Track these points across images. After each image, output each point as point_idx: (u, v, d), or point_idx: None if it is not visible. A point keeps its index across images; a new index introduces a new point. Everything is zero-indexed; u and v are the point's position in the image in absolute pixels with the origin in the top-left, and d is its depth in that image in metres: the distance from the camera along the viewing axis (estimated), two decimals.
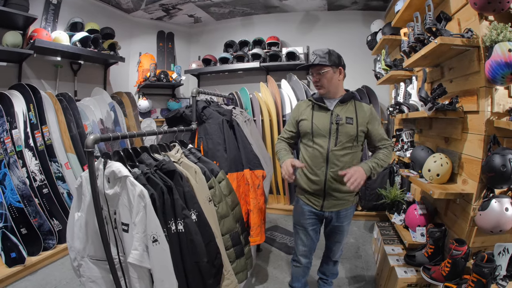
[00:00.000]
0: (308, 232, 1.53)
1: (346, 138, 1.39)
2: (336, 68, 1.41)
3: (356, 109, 1.43)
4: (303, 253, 1.57)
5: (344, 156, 1.40)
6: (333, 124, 1.40)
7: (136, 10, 3.81)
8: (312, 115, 1.45)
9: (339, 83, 1.45)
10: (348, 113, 1.42)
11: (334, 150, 1.40)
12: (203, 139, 1.72)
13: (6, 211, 2.05)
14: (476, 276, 1.24)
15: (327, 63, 1.37)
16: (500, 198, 1.26)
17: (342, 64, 1.44)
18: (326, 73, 1.39)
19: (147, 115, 3.97)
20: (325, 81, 1.41)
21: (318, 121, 1.43)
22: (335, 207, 1.47)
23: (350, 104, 1.44)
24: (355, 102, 1.45)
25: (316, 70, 1.41)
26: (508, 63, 1.18)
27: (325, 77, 1.40)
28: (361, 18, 3.65)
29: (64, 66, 3.10)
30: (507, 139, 1.37)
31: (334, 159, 1.40)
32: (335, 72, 1.41)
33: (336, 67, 1.41)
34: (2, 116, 2.20)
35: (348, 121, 1.40)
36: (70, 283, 1.96)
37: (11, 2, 2.33)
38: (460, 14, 1.59)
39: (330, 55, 1.39)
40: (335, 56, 1.41)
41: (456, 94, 1.57)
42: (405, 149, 2.26)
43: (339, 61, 1.42)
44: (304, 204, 1.52)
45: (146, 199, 1.06)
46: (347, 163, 1.40)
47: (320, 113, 1.44)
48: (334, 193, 1.44)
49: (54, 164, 2.45)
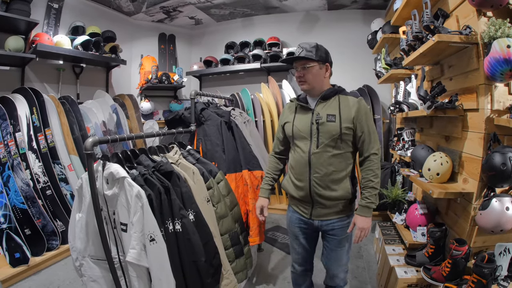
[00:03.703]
0: (300, 241, 1.41)
1: (328, 138, 1.25)
2: (322, 64, 1.29)
3: (339, 104, 1.27)
4: (296, 260, 1.47)
5: (328, 159, 1.25)
6: (313, 124, 1.26)
7: (137, 13, 3.84)
8: (294, 117, 1.34)
9: (324, 80, 1.32)
10: (330, 109, 1.27)
11: (316, 152, 1.26)
12: (202, 141, 1.73)
13: (10, 212, 2.08)
14: (476, 276, 1.22)
15: (313, 57, 1.26)
16: (500, 197, 1.25)
17: (330, 61, 1.32)
18: (312, 68, 1.27)
19: (149, 117, 4.00)
20: (309, 77, 1.28)
21: (299, 123, 1.32)
22: (326, 216, 1.31)
23: (334, 99, 1.29)
24: (339, 96, 1.29)
25: (300, 64, 1.29)
26: (507, 59, 1.17)
27: (310, 72, 1.27)
28: (361, 17, 3.64)
29: (66, 70, 3.14)
30: (508, 137, 1.35)
31: (316, 163, 1.26)
32: (322, 68, 1.29)
33: (323, 63, 1.29)
34: (6, 119, 2.24)
35: (329, 118, 1.25)
36: (73, 283, 1.99)
37: (13, 8, 2.37)
38: (458, 11, 1.57)
39: (317, 49, 1.28)
40: (323, 52, 1.29)
41: (456, 92, 1.56)
42: (406, 148, 2.25)
43: (326, 57, 1.30)
44: (293, 211, 1.40)
45: (143, 199, 1.07)
46: (333, 166, 1.26)
47: (302, 114, 1.33)
48: (321, 200, 1.29)
49: (57, 166, 2.48)
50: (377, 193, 1.27)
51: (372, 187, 1.26)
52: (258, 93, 3.50)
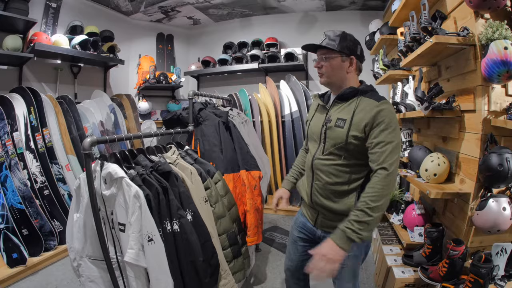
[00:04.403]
0: (297, 246, 1.28)
1: (333, 145, 1.09)
2: (346, 57, 1.10)
3: (357, 108, 1.06)
4: (288, 266, 1.34)
5: (331, 167, 1.10)
6: (324, 127, 1.13)
7: (135, 12, 3.83)
8: (313, 116, 1.23)
9: (347, 76, 1.12)
10: (343, 113, 1.09)
11: (319, 158, 1.13)
12: (199, 141, 1.73)
13: (8, 213, 2.07)
14: (473, 276, 1.23)
15: (335, 47, 1.09)
16: (497, 198, 1.26)
17: (357, 54, 1.13)
18: (332, 60, 1.11)
19: (147, 117, 3.99)
20: (328, 69, 1.12)
21: (314, 123, 1.20)
22: (330, 229, 1.09)
23: (353, 101, 1.08)
24: (360, 98, 1.08)
25: (320, 54, 1.14)
26: (504, 61, 1.18)
27: (329, 63, 1.11)
28: (359, 18, 3.65)
29: (64, 69, 3.13)
30: (505, 138, 1.36)
31: (318, 169, 1.14)
32: (345, 61, 1.11)
33: (348, 55, 1.10)
34: (3, 119, 2.23)
35: (338, 123, 1.08)
36: (70, 284, 1.98)
37: (11, 7, 2.36)
38: (456, 12, 1.58)
39: (342, 38, 1.10)
40: (350, 42, 1.11)
41: (453, 93, 1.57)
42: (404, 148, 2.26)
43: (353, 48, 1.11)
44: (301, 214, 1.31)
45: (141, 200, 1.07)
46: (336, 177, 1.09)
47: (319, 114, 1.20)
48: (322, 210, 1.16)
49: (54, 166, 2.47)
50: (370, 222, 0.95)
51: (364, 210, 0.95)
52: (256, 94, 3.50)
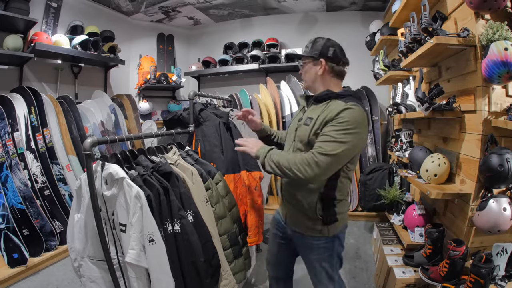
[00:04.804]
0: (275, 243, 1.35)
1: (300, 141, 1.14)
2: (316, 60, 1.14)
3: (326, 108, 1.09)
4: (269, 262, 1.41)
5: None
6: (296, 126, 1.20)
7: (136, 13, 3.84)
8: (296, 116, 1.29)
9: (318, 77, 1.15)
10: (314, 113, 1.12)
11: None
12: (200, 141, 1.73)
13: (8, 213, 2.07)
14: (474, 276, 1.23)
15: (307, 53, 1.17)
16: (498, 198, 1.26)
17: (328, 56, 1.13)
18: (305, 65, 1.19)
19: (148, 117, 3.99)
20: (304, 74, 1.21)
21: (292, 123, 1.27)
22: (296, 226, 1.20)
23: (326, 103, 1.11)
24: (334, 101, 1.10)
25: (300, 61, 1.23)
26: (504, 62, 1.18)
27: (304, 69, 1.20)
28: (360, 19, 3.65)
29: (65, 69, 3.13)
30: (505, 139, 1.36)
31: None
32: (316, 65, 1.15)
33: (317, 58, 1.14)
34: (4, 119, 2.23)
35: (306, 122, 1.13)
36: (71, 284, 1.98)
37: (12, 6, 2.36)
38: (457, 13, 1.59)
39: (314, 43, 1.16)
40: (320, 45, 1.14)
41: (454, 94, 1.57)
42: (404, 149, 2.26)
43: (323, 51, 1.13)
44: (277, 212, 1.36)
45: (142, 200, 1.07)
46: None
47: (300, 114, 1.26)
48: (290, 208, 1.22)
49: (55, 166, 2.47)
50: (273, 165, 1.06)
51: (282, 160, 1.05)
52: (256, 94, 3.50)
